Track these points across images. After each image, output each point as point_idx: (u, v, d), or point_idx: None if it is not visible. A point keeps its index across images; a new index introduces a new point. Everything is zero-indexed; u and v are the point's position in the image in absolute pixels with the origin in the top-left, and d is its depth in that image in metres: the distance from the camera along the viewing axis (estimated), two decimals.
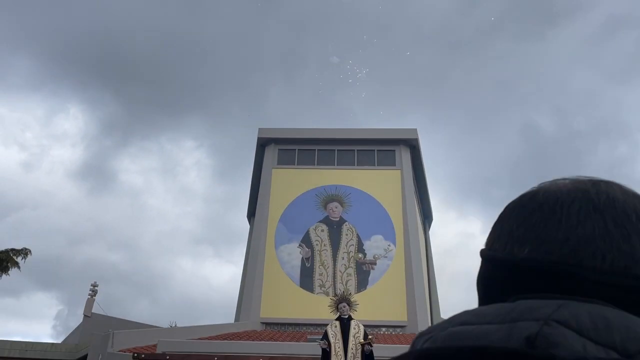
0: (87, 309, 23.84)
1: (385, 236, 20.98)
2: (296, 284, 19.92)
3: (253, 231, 22.01)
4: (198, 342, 11.85)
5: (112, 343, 14.65)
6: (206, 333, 17.06)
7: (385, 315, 19.37)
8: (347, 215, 21.35)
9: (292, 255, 20.56)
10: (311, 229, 21.01)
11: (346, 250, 20.61)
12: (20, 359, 20.72)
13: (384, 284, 19.93)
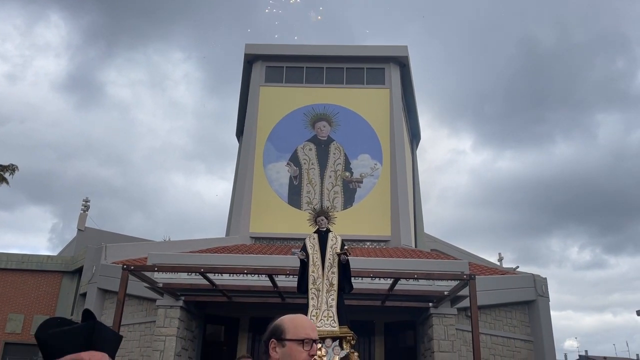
0: (80, 223, 24.45)
1: (372, 155, 21.24)
2: (284, 201, 20.40)
3: (241, 150, 22.14)
4: (186, 255, 12.34)
5: (105, 255, 15.22)
6: (197, 247, 17.69)
7: (370, 231, 20.08)
8: (335, 134, 21.46)
9: (280, 173, 20.86)
10: (299, 147, 21.17)
11: (333, 168, 20.92)
12: (17, 270, 21.50)
13: (369, 202, 20.47)
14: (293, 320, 1.86)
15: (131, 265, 8.48)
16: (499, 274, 15.69)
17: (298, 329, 1.81)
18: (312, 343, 1.82)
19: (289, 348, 1.78)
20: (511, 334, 14.34)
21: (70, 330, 1.41)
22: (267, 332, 1.84)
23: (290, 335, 1.78)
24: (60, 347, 1.40)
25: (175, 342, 10.70)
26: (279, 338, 1.79)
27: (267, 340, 1.82)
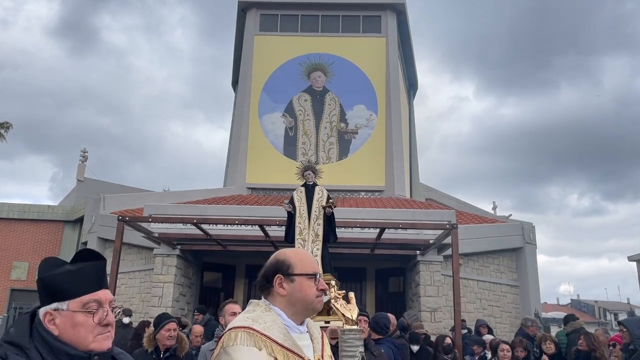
0: (79, 173, 24.75)
1: (367, 106, 21.25)
2: (280, 152, 20.59)
3: (236, 100, 22.12)
4: (181, 206, 12.66)
5: (104, 206, 15.58)
6: (194, 197, 18.05)
7: (365, 181, 20.39)
8: (330, 84, 21.37)
9: (275, 124, 20.95)
10: (294, 98, 21.15)
11: (329, 120, 20.99)
12: (18, 219, 21.98)
13: (364, 152, 20.67)
14: (297, 254, 1.83)
15: (126, 216, 8.81)
16: (488, 222, 16.11)
17: (305, 263, 1.77)
18: (319, 278, 1.80)
19: (299, 283, 1.73)
20: (498, 280, 14.91)
21: (82, 269, 1.41)
22: (269, 268, 1.78)
23: (299, 270, 1.73)
24: (72, 288, 1.39)
25: (172, 289, 11.21)
26: (286, 273, 1.74)
27: (270, 276, 1.75)
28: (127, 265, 14.48)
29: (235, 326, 1.64)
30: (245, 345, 1.56)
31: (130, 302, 13.82)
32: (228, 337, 1.60)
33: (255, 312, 1.69)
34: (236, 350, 1.56)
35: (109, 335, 1.43)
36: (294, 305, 1.73)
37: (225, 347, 1.58)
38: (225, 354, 1.57)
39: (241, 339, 1.58)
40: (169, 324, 4.35)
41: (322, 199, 6.68)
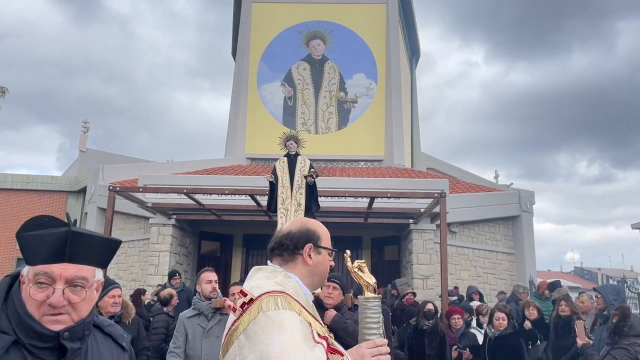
0: (81, 144, 24.90)
1: (367, 74, 21.04)
2: (279, 122, 20.53)
3: (235, 70, 21.98)
4: (174, 176, 12.76)
5: (103, 176, 15.74)
6: (194, 168, 18.16)
7: (364, 151, 20.36)
8: (329, 53, 21.14)
9: (274, 94, 20.83)
10: (293, 67, 20.97)
11: (328, 89, 20.84)
12: (22, 190, 22.26)
13: (363, 122, 20.58)
14: (322, 227, 1.82)
15: (117, 186, 8.92)
16: (485, 191, 16.13)
17: (329, 238, 1.79)
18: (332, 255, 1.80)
19: (324, 256, 1.74)
20: (493, 247, 15.01)
21: (44, 236, 1.25)
22: (300, 235, 1.73)
23: (325, 243, 1.75)
24: (30, 254, 1.26)
25: (169, 257, 11.41)
26: (316, 244, 1.73)
27: (301, 243, 1.72)
28: (127, 234, 14.71)
29: (270, 290, 1.57)
30: (287, 310, 1.51)
31: (130, 271, 14.12)
32: (267, 302, 1.53)
33: (277, 278, 1.64)
34: (280, 314, 1.50)
35: (58, 319, 1.25)
36: (314, 276, 1.73)
37: (265, 311, 1.50)
38: (267, 318, 1.49)
39: (282, 303, 1.53)
40: (113, 290, 4.14)
41: (305, 168, 6.72)
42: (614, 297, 5.74)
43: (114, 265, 14.60)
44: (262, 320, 1.48)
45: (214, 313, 4.71)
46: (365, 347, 1.65)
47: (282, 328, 1.46)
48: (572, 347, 6.19)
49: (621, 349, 5.17)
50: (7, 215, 22.10)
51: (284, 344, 1.42)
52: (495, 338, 6.09)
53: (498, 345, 6.07)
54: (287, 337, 1.44)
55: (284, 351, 1.41)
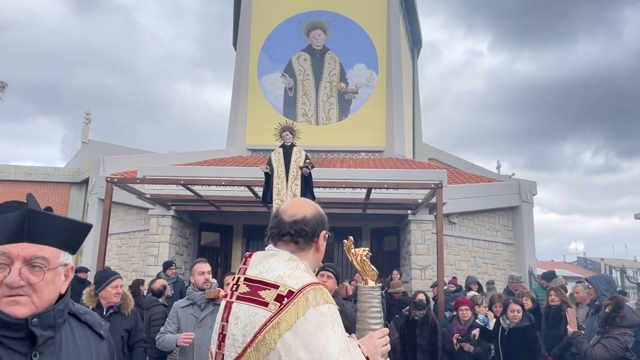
0: (83, 135, 25.00)
1: (368, 65, 20.97)
2: (280, 113, 20.51)
3: (235, 61, 21.94)
4: (172, 167, 12.81)
5: (104, 167, 15.81)
6: (194, 159, 18.20)
7: (365, 142, 20.35)
8: (330, 43, 21.06)
9: (275, 85, 20.80)
10: (294, 58, 20.92)
11: (329, 79, 20.79)
12: (25, 181, 22.39)
13: (364, 112, 20.54)
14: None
15: (115, 178, 8.98)
16: (485, 182, 16.12)
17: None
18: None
19: (325, 242, 1.69)
20: (493, 238, 15.03)
21: (5, 217, 1.23)
22: (316, 221, 1.63)
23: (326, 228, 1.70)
24: None
25: (168, 248, 11.48)
26: (326, 229, 1.69)
27: (318, 230, 1.63)
28: (128, 225, 14.81)
29: (312, 282, 1.47)
30: (333, 304, 1.45)
31: (131, 262, 14.22)
32: (314, 295, 1.43)
33: (300, 268, 1.54)
34: (330, 309, 1.42)
35: (16, 299, 1.20)
36: (317, 262, 1.68)
37: (316, 306, 1.40)
38: (319, 314, 1.39)
39: (327, 296, 1.45)
40: (116, 280, 4.19)
41: (300, 159, 6.75)
42: (605, 288, 5.78)
43: (116, 255, 14.71)
44: (314, 316, 1.38)
45: (208, 303, 4.77)
46: (376, 337, 1.65)
47: (335, 325, 1.39)
48: (564, 336, 6.22)
49: (612, 339, 5.21)
50: None
51: (341, 343, 1.37)
52: (510, 330, 5.80)
53: (513, 337, 5.77)
54: (340, 334, 1.39)
55: (342, 351, 1.36)
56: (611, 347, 5.15)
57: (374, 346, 1.60)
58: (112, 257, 14.87)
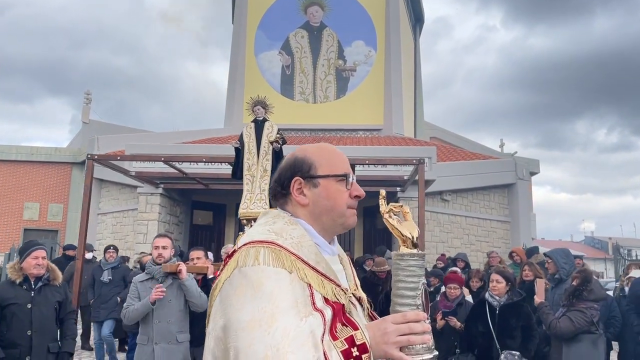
0: (84, 115, 25.03)
1: (366, 42, 20.69)
2: (277, 91, 20.38)
3: (232, 38, 21.74)
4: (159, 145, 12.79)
5: (98, 147, 15.87)
6: (190, 138, 18.20)
7: (363, 120, 20.19)
8: (327, 20, 20.77)
9: (272, 62, 20.62)
10: (291, 35, 20.68)
11: (326, 57, 20.56)
12: (27, 162, 22.57)
13: (362, 90, 20.33)
14: (322, 150, 1.39)
15: (95, 155, 8.98)
16: (480, 159, 15.96)
17: (334, 161, 1.36)
18: (352, 180, 1.37)
19: (325, 188, 1.33)
20: (488, 215, 14.93)
21: None
22: (285, 169, 1.37)
23: (325, 170, 1.34)
24: None
25: (157, 226, 11.55)
26: (307, 175, 1.34)
27: (286, 179, 1.35)
28: (122, 204, 14.90)
29: (255, 240, 1.24)
30: (271, 266, 1.18)
31: (125, 240, 14.34)
32: (246, 254, 1.21)
33: (277, 225, 1.30)
34: (259, 271, 1.17)
35: None
36: (320, 217, 1.33)
37: (241, 267, 1.19)
38: (242, 277, 1.18)
39: (265, 257, 1.19)
40: (37, 251, 4.04)
41: (272, 134, 6.67)
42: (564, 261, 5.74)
43: (110, 234, 14.85)
44: (237, 279, 1.18)
45: (166, 277, 4.78)
46: (391, 321, 1.21)
47: (259, 290, 1.14)
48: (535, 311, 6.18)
49: (578, 312, 5.15)
50: (12, 187, 22.49)
51: (257, 311, 1.11)
52: (502, 307, 5.05)
53: (506, 315, 5.01)
54: (263, 301, 1.12)
55: (255, 321, 1.11)
56: (577, 320, 5.10)
57: (383, 332, 1.19)
58: (107, 236, 15.02)
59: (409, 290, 1.25)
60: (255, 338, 1.09)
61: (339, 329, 1.19)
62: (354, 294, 1.35)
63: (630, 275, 6.92)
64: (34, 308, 3.95)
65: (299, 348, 1.08)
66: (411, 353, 1.19)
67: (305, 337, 1.10)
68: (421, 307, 1.25)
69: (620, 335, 6.39)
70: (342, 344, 1.15)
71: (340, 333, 1.18)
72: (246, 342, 1.09)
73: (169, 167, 10.58)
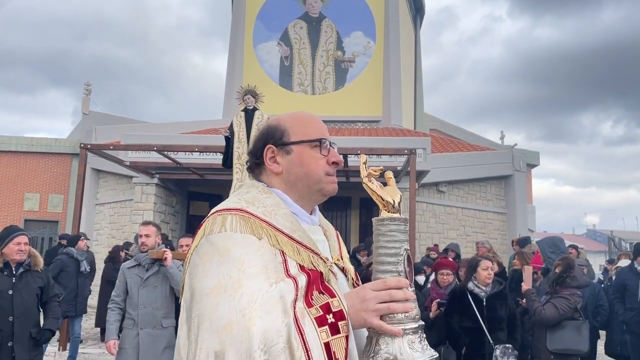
0: (84, 107, 25.06)
1: (365, 32, 20.62)
2: (275, 83, 20.37)
3: (231, 29, 21.70)
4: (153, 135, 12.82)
5: (96, 137, 15.92)
6: (189, 129, 18.22)
7: (362, 111, 20.17)
8: (326, 10, 20.69)
9: (271, 54, 20.59)
10: (290, 26, 20.62)
11: (325, 48, 20.51)
12: (27, 152, 22.65)
13: (361, 81, 20.30)
14: (296, 117, 1.35)
15: (88, 144, 9.03)
16: (478, 150, 15.95)
17: (309, 127, 1.31)
18: (330, 146, 1.32)
19: (298, 154, 1.28)
20: (484, 207, 14.94)
21: None
22: (258, 138, 1.34)
23: (298, 136, 1.29)
24: None
25: (152, 216, 11.60)
26: (279, 142, 1.29)
27: (259, 148, 1.32)
28: (119, 194, 14.97)
29: (223, 208, 1.22)
30: (239, 232, 1.14)
31: (122, 230, 14.41)
32: (212, 222, 1.17)
33: (249, 194, 1.27)
34: (225, 237, 1.13)
35: None
36: (295, 185, 1.29)
37: (208, 235, 1.15)
38: (208, 244, 1.14)
39: (232, 223, 1.15)
40: (19, 237, 4.08)
41: (261, 123, 6.70)
42: (551, 250, 5.77)
43: (108, 225, 14.92)
44: (204, 246, 1.14)
45: (152, 264, 4.84)
46: (371, 287, 1.14)
47: (226, 256, 1.10)
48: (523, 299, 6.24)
49: (562, 298, 5.20)
50: (13, 177, 22.60)
51: (223, 277, 1.06)
52: (489, 298, 4.77)
53: (495, 305, 4.76)
54: (229, 267, 1.08)
55: (220, 286, 1.06)
56: (561, 306, 5.15)
57: (362, 299, 1.12)
58: (105, 226, 15.11)
59: (389, 256, 1.18)
60: (219, 303, 1.04)
61: (315, 296, 1.13)
62: (337, 264, 1.30)
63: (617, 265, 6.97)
64: (15, 294, 3.99)
65: (266, 313, 1.03)
66: (393, 322, 1.11)
67: (274, 303, 1.05)
68: (403, 273, 1.17)
69: (607, 324, 6.43)
70: (316, 311, 1.09)
71: (315, 300, 1.12)
72: (209, 308, 1.05)
73: (164, 158, 10.62)
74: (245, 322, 1.01)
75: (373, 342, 1.14)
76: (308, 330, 1.05)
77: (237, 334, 1.01)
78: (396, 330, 1.10)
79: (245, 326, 1.01)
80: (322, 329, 1.07)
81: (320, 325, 1.07)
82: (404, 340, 1.11)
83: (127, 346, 4.48)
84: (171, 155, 10.00)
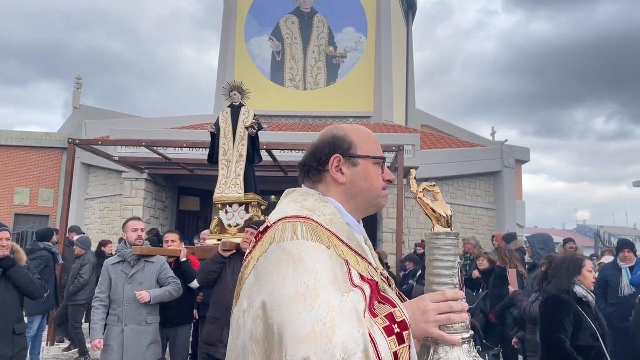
0: (74, 101, 24.93)
1: (357, 28, 20.62)
2: (267, 78, 20.35)
3: (223, 23, 21.63)
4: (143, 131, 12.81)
5: (86, 132, 15.85)
6: (179, 123, 18.18)
7: (353, 107, 20.20)
8: (318, 6, 20.66)
9: (262, 49, 20.55)
10: (282, 21, 20.59)
11: (317, 43, 20.50)
12: (17, 147, 22.51)
13: (353, 77, 20.31)
14: (362, 131, 1.39)
15: (77, 140, 9.01)
16: (467, 147, 16.03)
17: (374, 144, 1.37)
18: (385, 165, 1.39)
19: (364, 169, 1.32)
20: (473, 203, 15.04)
21: None
22: (323, 145, 1.35)
23: (365, 151, 1.33)
24: None
25: (142, 211, 11.61)
26: (347, 154, 1.32)
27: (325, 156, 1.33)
28: (109, 189, 14.93)
29: (290, 215, 1.21)
30: (310, 241, 1.15)
31: (112, 225, 14.39)
32: (283, 229, 1.18)
33: (307, 202, 1.27)
34: (299, 246, 1.14)
35: None
36: (355, 197, 1.32)
37: (280, 242, 1.16)
38: (281, 251, 1.14)
39: (303, 231, 1.16)
40: (1, 233, 4.13)
41: (248, 119, 6.72)
42: (541, 247, 5.85)
43: (98, 219, 14.89)
44: (275, 253, 1.15)
45: (138, 260, 4.86)
46: (431, 299, 1.20)
47: (300, 264, 1.11)
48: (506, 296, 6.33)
49: None
50: (3, 172, 22.44)
51: (300, 286, 1.08)
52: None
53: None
54: (304, 276, 1.09)
55: (298, 295, 1.07)
56: None
57: (422, 311, 1.17)
58: (95, 221, 15.07)
59: (446, 269, 1.25)
60: (300, 312, 1.05)
61: (376, 306, 1.16)
62: (382, 273, 1.33)
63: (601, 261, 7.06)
64: None
65: (344, 322, 1.05)
66: (450, 332, 1.18)
67: (348, 313, 1.07)
68: (458, 285, 1.26)
69: None
70: (383, 321, 1.12)
71: (378, 310, 1.15)
72: (291, 316, 1.05)
73: (153, 153, 10.62)
74: (327, 332, 1.03)
75: (431, 351, 1.21)
76: (379, 340, 1.08)
77: (320, 343, 1.02)
78: (456, 340, 1.18)
79: (327, 335, 1.03)
80: (391, 338, 1.10)
81: (389, 335, 1.11)
82: (461, 349, 1.19)
83: (112, 343, 4.51)
84: (160, 151, 10.00)
